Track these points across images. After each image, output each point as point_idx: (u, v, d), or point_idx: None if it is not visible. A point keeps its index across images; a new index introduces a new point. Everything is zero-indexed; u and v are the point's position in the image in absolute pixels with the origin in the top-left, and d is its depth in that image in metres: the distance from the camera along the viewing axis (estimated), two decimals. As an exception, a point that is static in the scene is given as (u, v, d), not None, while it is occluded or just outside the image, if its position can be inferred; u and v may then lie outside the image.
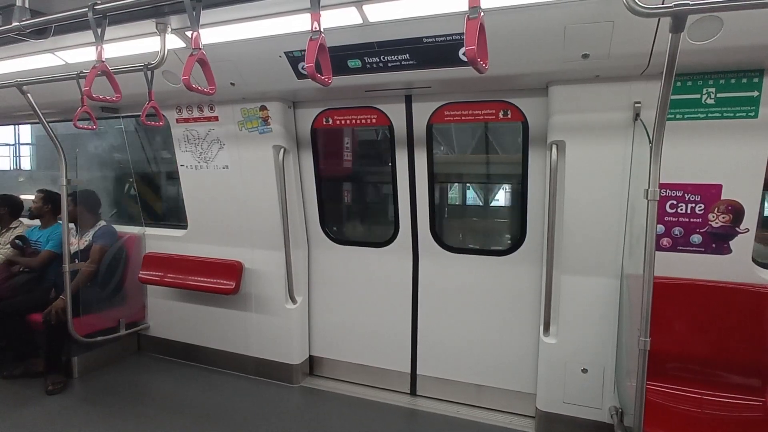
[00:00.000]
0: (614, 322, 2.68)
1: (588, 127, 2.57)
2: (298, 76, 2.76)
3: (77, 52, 2.89)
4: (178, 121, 3.60)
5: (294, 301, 3.61)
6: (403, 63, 2.54)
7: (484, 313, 3.21)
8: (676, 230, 2.51)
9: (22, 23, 2.32)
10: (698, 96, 2.37)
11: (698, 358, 2.46)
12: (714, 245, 2.46)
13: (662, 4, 1.64)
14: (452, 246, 3.30)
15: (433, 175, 3.21)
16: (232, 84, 2.98)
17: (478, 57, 1.44)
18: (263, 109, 3.28)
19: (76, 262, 3.67)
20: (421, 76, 2.62)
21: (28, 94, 3.06)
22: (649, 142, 1.91)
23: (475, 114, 3.02)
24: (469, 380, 3.29)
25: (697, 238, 2.48)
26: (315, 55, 1.68)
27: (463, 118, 3.06)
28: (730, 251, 2.44)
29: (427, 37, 2.34)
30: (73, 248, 3.74)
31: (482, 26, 1.47)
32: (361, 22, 2.29)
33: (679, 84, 2.35)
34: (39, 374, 3.57)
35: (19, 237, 4.01)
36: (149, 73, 2.58)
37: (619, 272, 2.65)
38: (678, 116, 2.40)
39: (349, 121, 3.34)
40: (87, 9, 2.08)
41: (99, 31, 2.13)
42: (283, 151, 3.34)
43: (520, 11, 2.10)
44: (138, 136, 4.92)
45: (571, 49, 2.23)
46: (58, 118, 4.01)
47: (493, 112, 2.97)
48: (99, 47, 2.16)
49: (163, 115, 2.96)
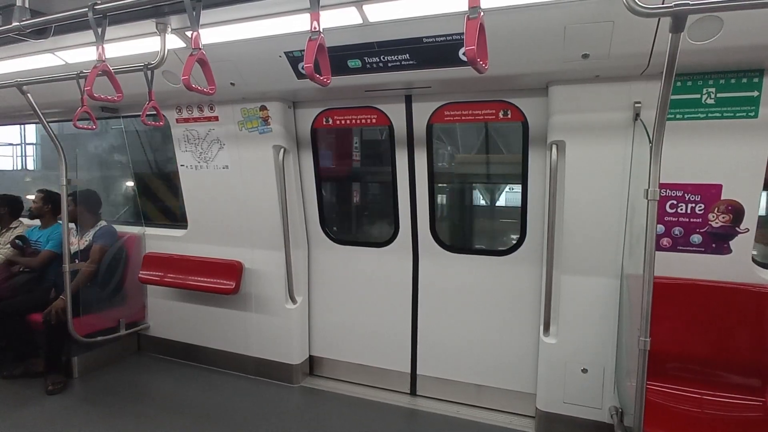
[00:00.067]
0: (614, 322, 2.68)
1: (588, 127, 2.57)
2: (298, 76, 2.76)
3: (77, 52, 2.89)
4: (178, 121, 3.60)
5: (294, 301, 3.61)
6: (403, 63, 2.54)
7: (484, 313, 3.21)
8: (676, 230, 2.51)
9: (22, 23, 2.32)
10: (698, 96, 2.37)
11: (698, 358, 2.46)
12: (714, 245, 2.46)
13: (662, 4, 1.64)
14: (452, 246, 3.30)
15: (433, 175, 3.20)
16: (232, 84, 2.98)
17: (477, 57, 1.44)
18: (263, 109, 3.28)
19: (76, 262, 3.67)
20: (421, 76, 2.62)
21: (28, 94, 3.06)
22: (649, 142, 1.91)
23: (475, 114, 3.02)
24: (469, 380, 3.29)
25: (697, 238, 2.48)
26: (314, 55, 1.68)
27: (463, 118, 3.06)
28: (730, 251, 2.44)
29: (427, 37, 2.34)
30: (73, 248, 3.74)
31: (482, 26, 1.47)
32: (361, 22, 2.29)
33: (679, 84, 2.36)
34: (39, 374, 3.57)
35: (19, 237, 4.01)
36: (149, 73, 2.58)
37: (619, 272, 2.65)
38: (678, 116, 2.40)
39: (349, 121, 3.34)
40: (87, 9, 2.08)
41: (99, 31, 2.13)
42: (283, 151, 3.34)
43: (520, 11, 2.10)
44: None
45: (571, 49, 2.23)
46: (58, 118, 4.01)
47: (493, 112, 2.97)
48: (100, 47, 2.17)
49: (163, 115, 2.96)
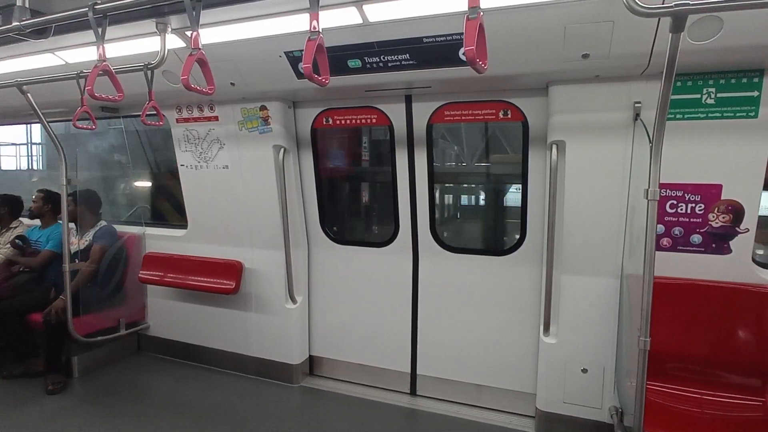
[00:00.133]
0: (614, 322, 2.68)
1: (588, 127, 2.57)
2: (298, 76, 2.76)
3: (77, 52, 2.89)
4: (178, 121, 3.60)
5: (294, 301, 3.61)
6: (403, 63, 2.54)
7: (484, 313, 3.21)
8: (676, 230, 2.51)
9: (22, 23, 2.32)
10: (698, 96, 2.36)
11: (698, 358, 2.46)
12: (714, 245, 2.46)
13: (662, 4, 1.63)
14: (452, 246, 3.30)
15: (433, 175, 3.20)
16: (232, 84, 2.98)
17: (477, 57, 1.44)
18: (263, 108, 3.28)
19: (76, 261, 3.67)
20: (421, 76, 2.62)
21: (28, 94, 3.06)
22: (649, 142, 1.91)
23: (475, 114, 3.02)
24: (469, 380, 3.29)
25: (697, 238, 2.48)
26: (313, 55, 1.68)
27: (463, 118, 3.06)
28: (730, 251, 2.44)
29: (427, 37, 2.34)
30: (73, 248, 3.74)
31: (482, 26, 1.47)
32: (361, 22, 2.29)
33: (679, 84, 2.35)
34: (39, 374, 3.57)
35: (19, 237, 4.01)
36: (149, 72, 2.58)
37: (619, 272, 2.64)
38: (678, 116, 2.39)
39: (349, 121, 3.34)
40: (87, 9, 2.08)
41: (99, 30, 2.13)
42: (283, 150, 3.34)
43: (520, 11, 2.10)
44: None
45: (571, 49, 2.23)
46: (58, 118, 4.01)
47: (493, 112, 2.97)
48: (100, 47, 2.17)
49: (163, 115, 2.96)
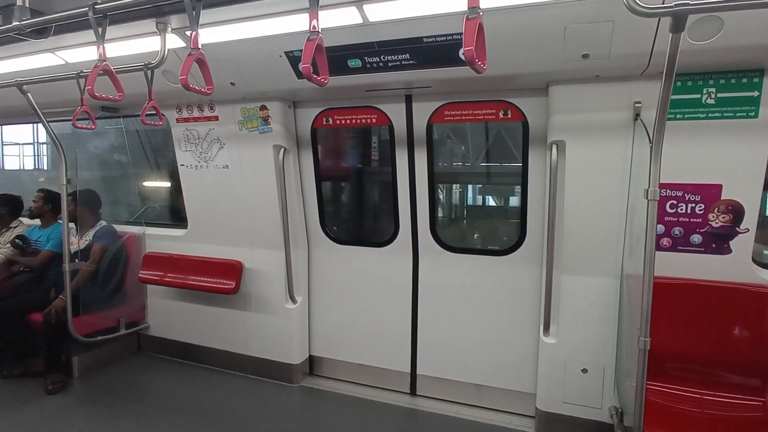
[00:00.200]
0: (614, 322, 2.68)
1: (588, 127, 2.57)
2: (298, 75, 2.76)
3: (77, 52, 2.89)
4: (178, 121, 3.60)
5: (294, 300, 3.60)
6: (403, 63, 2.53)
7: (484, 313, 3.20)
8: (676, 230, 2.51)
9: (22, 23, 2.33)
10: (698, 96, 2.36)
11: (698, 358, 2.46)
12: (714, 245, 2.46)
13: (662, 4, 1.63)
14: (452, 246, 3.30)
15: (433, 175, 3.20)
16: (232, 84, 2.98)
17: (476, 57, 1.44)
18: (263, 108, 3.28)
19: (77, 261, 3.67)
20: (421, 75, 2.62)
21: (29, 94, 3.06)
22: (650, 142, 1.91)
23: (475, 114, 3.02)
24: (469, 380, 3.29)
25: (697, 238, 2.48)
26: (312, 55, 1.68)
27: (464, 118, 3.06)
28: (730, 251, 2.44)
29: (427, 37, 2.34)
30: (73, 248, 3.74)
31: (481, 26, 1.47)
32: (361, 21, 2.29)
33: (679, 84, 2.35)
34: (39, 374, 3.57)
35: (19, 236, 4.01)
36: (149, 72, 2.59)
37: (619, 272, 2.64)
38: (678, 116, 2.39)
39: (349, 121, 3.34)
40: (87, 9, 2.08)
41: (100, 30, 2.13)
42: (283, 150, 3.34)
43: (521, 11, 2.10)
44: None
45: (571, 49, 2.23)
46: (58, 118, 4.00)
47: (493, 112, 2.97)
48: (100, 46, 2.17)
49: (163, 115, 2.96)
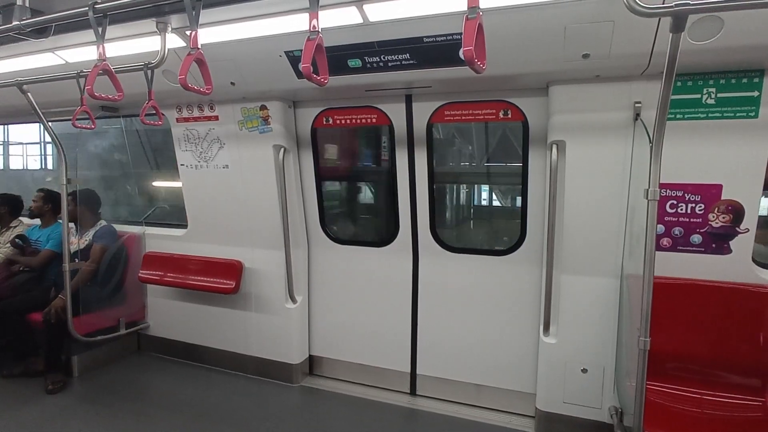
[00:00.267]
0: (614, 322, 2.68)
1: (588, 127, 2.56)
2: (298, 75, 2.76)
3: (77, 52, 2.89)
4: (178, 121, 3.60)
5: (294, 300, 3.60)
6: (403, 63, 2.53)
7: (484, 313, 3.20)
8: (676, 230, 2.51)
9: (23, 22, 2.33)
10: (698, 96, 2.36)
11: (698, 358, 2.46)
12: (714, 245, 2.46)
13: (663, 4, 1.63)
14: (452, 246, 3.30)
15: (433, 175, 3.20)
16: (232, 83, 2.97)
17: (475, 57, 1.44)
18: (263, 108, 3.27)
19: (76, 261, 3.67)
20: (421, 75, 2.62)
21: (29, 94, 3.06)
22: (650, 142, 1.91)
23: (476, 114, 3.02)
24: (469, 380, 3.29)
25: (697, 238, 2.48)
26: (312, 55, 1.68)
27: (464, 118, 3.06)
28: (730, 251, 2.44)
29: (427, 37, 2.34)
30: (73, 247, 3.74)
31: (481, 26, 1.47)
32: (361, 21, 2.29)
33: (679, 84, 2.35)
34: (39, 373, 3.57)
35: (19, 236, 4.01)
36: (149, 72, 2.58)
37: (619, 272, 2.64)
38: (678, 116, 2.39)
39: (349, 121, 3.34)
40: (87, 8, 2.08)
41: (100, 30, 2.13)
42: (283, 150, 3.34)
43: (521, 11, 2.10)
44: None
45: (571, 49, 2.23)
46: (59, 118, 4.00)
47: (494, 111, 2.96)
48: (100, 46, 2.17)
49: (163, 114, 2.96)
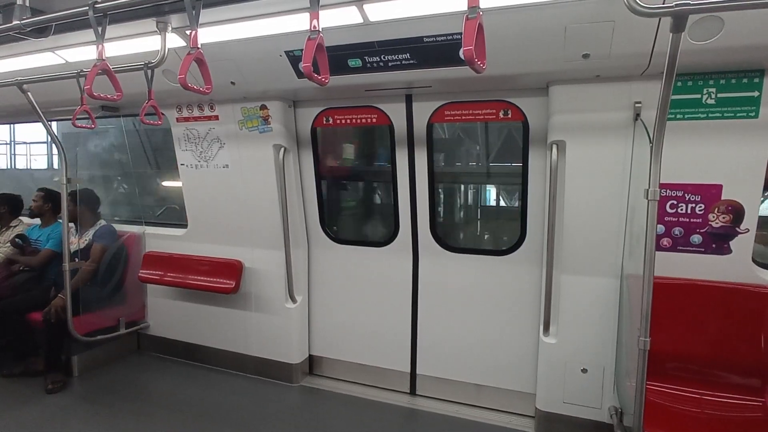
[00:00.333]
0: (614, 322, 2.68)
1: (588, 127, 2.56)
2: (299, 75, 2.76)
3: (77, 51, 2.89)
4: (178, 120, 3.60)
5: (294, 300, 3.60)
6: (403, 62, 2.53)
7: (484, 313, 3.20)
8: (676, 230, 2.51)
9: (23, 22, 2.33)
10: (699, 96, 2.36)
11: (698, 358, 2.46)
12: (714, 245, 2.46)
13: (663, 4, 1.63)
14: (452, 246, 3.30)
15: (433, 175, 3.20)
16: (232, 83, 2.97)
17: (475, 57, 1.44)
18: (263, 108, 3.27)
19: (76, 260, 3.67)
20: (421, 75, 2.62)
21: (29, 93, 3.06)
22: (650, 142, 1.91)
23: (476, 114, 3.02)
24: (469, 380, 3.29)
25: (697, 238, 2.48)
26: (313, 54, 1.68)
27: (464, 118, 3.06)
28: (730, 251, 2.44)
29: (427, 37, 2.34)
30: (73, 247, 3.74)
31: (481, 26, 1.47)
32: (361, 21, 2.29)
33: (679, 84, 2.35)
34: (39, 373, 3.57)
35: (19, 236, 4.01)
36: (149, 72, 2.58)
37: (619, 272, 2.64)
38: (678, 116, 2.39)
39: (349, 121, 3.34)
40: (87, 8, 2.08)
41: (99, 29, 2.13)
42: (283, 150, 3.34)
43: (521, 11, 2.10)
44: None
45: (571, 49, 2.23)
46: (59, 117, 4.01)
47: (494, 111, 2.96)
48: (100, 46, 2.17)
49: (163, 114, 2.96)
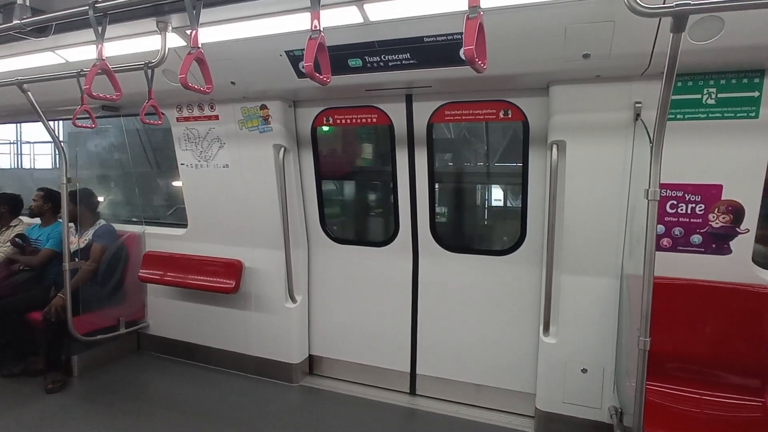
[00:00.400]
0: (614, 322, 2.68)
1: (588, 127, 2.56)
2: (299, 75, 2.76)
3: (78, 51, 2.89)
4: (178, 120, 3.60)
5: (294, 300, 3.60)
6: (403, 62, 2.53)
7: (484, 313, 3.20)
8: (677, 230, 2.51)
9: (23, 21, 2.33)
10: (699, 96, 2.36)
11: (698, 358, 2.46)
12: (714, 245, 2.46)
13: (663, 4, 1.63)
14: (452, 246, 3.30)
15: (434, 175, 3.20)
16: (232, 83, 2.97)
17: (476, 57, 1.44)
18: (264, 108, 3.27)
19: (76, 260, 3.67)
20: (421, 75, 2.62)
21: (29, 93, 3.06)
22: (650, 142, 1.91)
23: (476, 114, 3.02)
24: (469, 380, 3.29)
25: (697, 239, 2.48)
26: (314, 54, 1.68)
27: (464, 118, 3.06)
28: (730, 251, 2.44)
29: (427, 37, 2.34)
30: (73, 247, 3.73)
31: (481, 26, 1.47)
32: (362, 21, 2.29)
33: (679, 84, 2.35)
34: (39, 372, 3.57)
35: (19, 235, 4.01)
36: (149, 71, 2.58)
37: (619, 272, 2.64)
38: (679, 116, 2.39)
39: (349, 121, 3.34)
40: (87, 7, 2.08)
41: (99, 29, 2.13)
42: (283, 150, 3.34)
43: (521, 11, 2.10)
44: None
45: (571, 49, 2.23)
46: (59, 117, 4.01)
47: (494, 111, 2.96)
48: (99, 45, 2.17)
49: (163, 114, 2.96)
